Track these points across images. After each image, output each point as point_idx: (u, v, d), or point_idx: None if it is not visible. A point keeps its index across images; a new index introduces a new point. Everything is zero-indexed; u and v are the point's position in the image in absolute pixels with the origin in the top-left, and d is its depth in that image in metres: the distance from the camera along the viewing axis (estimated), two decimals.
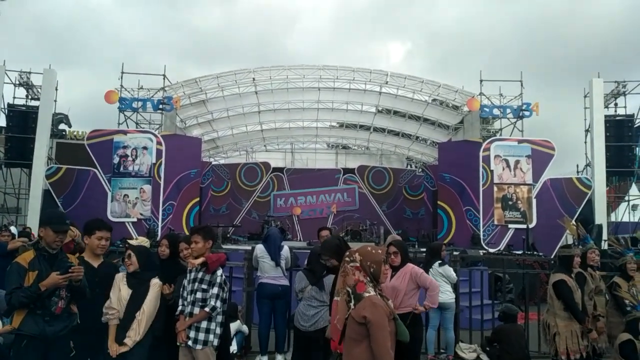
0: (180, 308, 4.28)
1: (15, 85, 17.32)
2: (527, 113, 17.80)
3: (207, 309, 4.14)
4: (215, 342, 4.20)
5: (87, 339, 3.94)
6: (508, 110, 18.02)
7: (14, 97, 17.45)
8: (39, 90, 17.12)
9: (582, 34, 64.09)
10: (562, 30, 65.54)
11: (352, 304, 3.06)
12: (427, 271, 5.39)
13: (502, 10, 71.24)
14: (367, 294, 3.02)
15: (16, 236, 7.26)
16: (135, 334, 3.95)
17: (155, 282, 4.16)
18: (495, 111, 18.17)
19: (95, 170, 16.10)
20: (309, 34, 76.43)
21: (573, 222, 5.69)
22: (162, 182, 16.25)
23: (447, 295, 6.69)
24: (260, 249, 6.74)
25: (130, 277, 4.13)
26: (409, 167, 26.13)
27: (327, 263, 4.80)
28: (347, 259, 3.21)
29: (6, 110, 17.09)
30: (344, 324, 3.09)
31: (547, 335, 4.98)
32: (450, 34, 71.77)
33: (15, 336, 3.58)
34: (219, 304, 4.19)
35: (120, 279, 4.12)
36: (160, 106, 17.61)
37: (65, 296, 3.74)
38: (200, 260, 4.27)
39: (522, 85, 17.99)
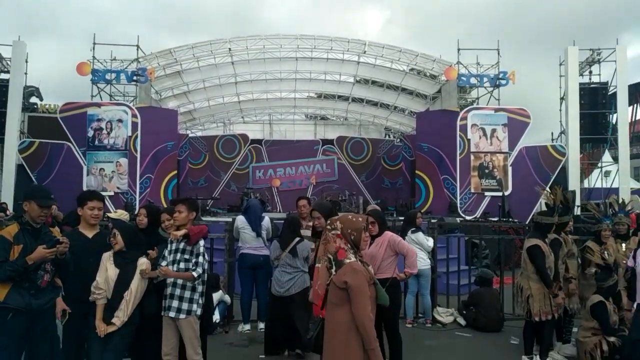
0: (160, 278, 4.29)
1: None
2: (503, 82, 17.91)
3: (193, 273, 4.18)
4: (199, 312, 4.25)
5: (80, 308, 3.94)
6: (485, 79, 18.10)
7: None
8: (9, 62, 16.61)
9: (558, 1, 64.25)
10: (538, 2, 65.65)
11: (333, 270, 3.13)
12: (403, 239, 5.50)
13: None
14: (347, 260, 3.09)
15: None
16: (123, 314, 3.94)
17: (143, 262, 4.13)
18: (473, 80, 18.23)
19: (70, 144, 15.81)
20: (285, 3, 75.12)
21: (548, 189, 5.79)
22: (138, 155, 16.04)
23: (421, 262, 6.82)
24: (241, 220, 6.78)
25: (117, 256, 4.09)
26: (387, 138, 26.21)
27: (315, 222, 4.94)
28: (328, 227, 3.27)
29: None
30: (325, 290, 3.16)
31: (520, 298, 5.14)
32: (429, 1, 71.28)
33: (1, 309, 3.56)
34: (200, 270, 4.23)
35: (107, 259, 4.09)
36: (135, 78, 17.23)
37: (50, 270, 3.75)
38: (183, 232, 4.28)
39: (498, 53, 18.06)
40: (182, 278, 4.21)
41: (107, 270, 4.03)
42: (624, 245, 5.58)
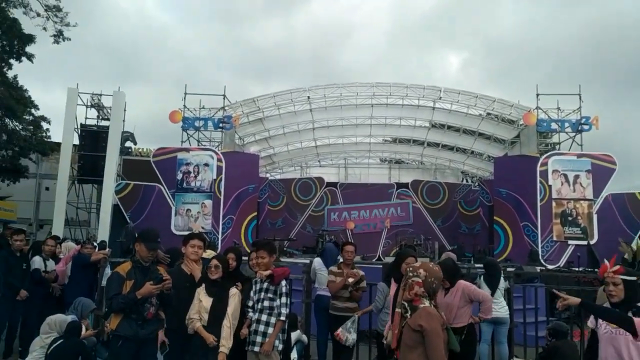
0: (249, 315, 4.68)
1: (87, 106, 18.59)
2: (586, 127, 17.43)
3: (282, 319, 4.57)
4: (280, 347, 4.57)
5: (179, 339, 4.41)
6: (566, 124, 17.71)
7: (86, 118, 18.73)
8: (109, 111, 18.27)
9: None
10: (624, 40, 62.99)
11: (408, 315, 3.35)
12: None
13: (563, 18, 69.25)
14: (422, 305, 3.30)
15: (97, 249, 7.94)
16: (226, 341, 4.35)
17: (235, 292, 4.58)
18: (553, 125, 17.90)
19: (160, 186, 16.95)
20: (363, 48, 77.02)
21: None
22: (222, 197, 16.93)
23: (499, 309, 6.79)
24: (318, 262, 7.09)
25: (210, 286, 4.55)
26: (464, 182, 25.87)
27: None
28: (410, 273, 3.49)
29: (79, 130, 18.32)
30: (400, 332, 3.39)
31: None
32: (509, 44, 70.41)
33: (112, 337, 4.10)
34: (287, 311, 4.58)
35: (200, 291, 4.56)
36: (221, 125, 18.43)
37: (156, 303, 4.27)
38: (268, 272, 4.67)
39: (580, 98, 17.67)
40: (278, 332, 4.58)
41: (201, 301, 4.48)
42: None
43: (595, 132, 17.71)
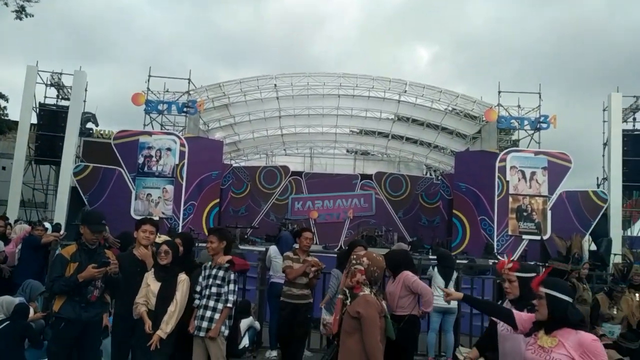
0: (196, 302, 4.71)
1: (46, 85, 18.05)
2: (544, 125, 17.94)
3: (228, 305, 4.61)
4: (226, 332, 4.62)
5: (128, 322, 4.46)
6: (525, 122, 18.18)
7: (45, 97, 18.18)
8: (69, 90, 17.81)
9: (605, 46, 63.34)
10: (587, 42, 64.89)
11: (348, 302, 3.47)
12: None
13: (531, 19, 70.69)
14: (362, 293, 3.42)
15: (49, 231, 7.81)
16: (166, 325, 4.37)
17: (184, 278, 4.60)
18: (513, 122, 18.34)
19: (121, 169, 16.68)
20: (335, 39, 77.01)
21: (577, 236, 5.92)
22: (184, 183, 16.79)
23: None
24: (273, 249, 7.18)
25: (159, 271, 4.56)
26: (427, 175, 26.33)
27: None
28: (353, 261, 3.60)
29: (37, 109, 17.81)
30: (341, 318, 3.51)
31: None
32: (478, 40, 71.48)
33: (55, 319, 4.09)
34: (234, 298, 4.65)
35: (149, 275, 4.57)
36: (185, 109, 18.20)
37: (100, 286, 4.26)
38: (228, 258, 4.71)
39: (540, 97, 18.15)
40: (224, 318, 4.61)
41: (149, 285, 4.49)
42: (637, 295, 5.62)
43: (553, 131, 18.25)
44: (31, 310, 5.65)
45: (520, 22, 71.97)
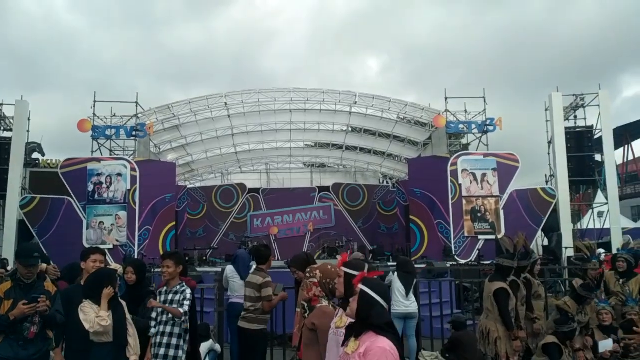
0: (152, 330, 4.60)
1: None
2: (491, 128, 18.48)
3: (181, 310, 4.52)
4: (184, 358, 4.53)
5: (82, 357, 4.24)
6: (473, 126, 18.69)
7: None
8: (11, 121, 17.20)
9: (545, 48, 66.20)
10: (527, 45, 67.62)
11: (306, 315, 3.46)
12: None
13: (474, 25, 73.16)
14: (319, 305, 3.41)
15: None
16: (134, 349, 4.28)
17: (124, 303, 4.50)
18: (461, 127, 18.84)
19: (70, 199, 16.18)
20: (284, 54, 77.37)
21: (521, 234, 6.12)
22: (137, 208, 16.39)
23: (413, 305, 7.11)
24: (230, 269, 7.08)
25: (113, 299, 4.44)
26: (383, 183, 26.65)
27: (295, 275, 5.24)
28: (307, 274, 3.60)
29: None
30: (301, 332, 3.49)
31: (486, 340, 5.32)
32: (424, 48, 73.34)
33: None
34: (187, 309, 4.56)
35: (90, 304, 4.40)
36: (134, 133, 17.85)
37: (39, 322, 4.06)
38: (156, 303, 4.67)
39: (485, 101, 18.71)
40: (171, 312, 4.52)
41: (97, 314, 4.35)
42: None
43: (500, 133, 18.79)
44: None
45: (464, 29, 74.44)
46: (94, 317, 4.24)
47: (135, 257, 15.48)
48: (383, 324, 2.45)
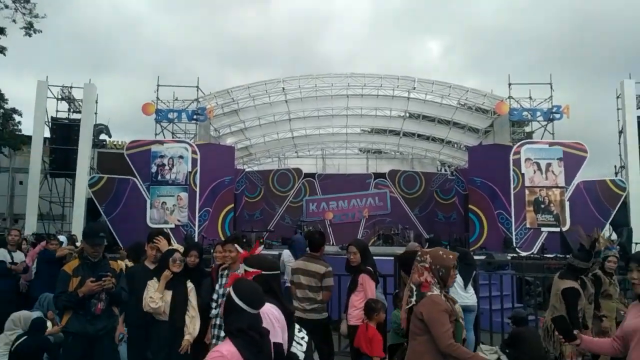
0: (213, 311, 4.67)
1: (57, 99, 18.28)
2: (557, 116, 17.70)
3: None
4: None
5: (141, 333, 4.49)
6: (538, 113, 17.95)
7: (57, 111, 18.42)
8: (80, 103, 18.00)
9: (617, 32, 62.31)
10: (598, 29, 63.89)
11: (413, 300, 3.29)
12: None
13: (545, 3, 69.61)
14: (429, 293, 3.20)
15: (64, 244, 7.86)
16: (194, 330, 4.42)
17: (192, 286, 4.62)
18: (525, 114, 18.12)
19: (135, 179, 16.80)
20: (344, 37, 76.61)
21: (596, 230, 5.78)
22: (197, 190, 16.85)
23: (472, 297, 6.91)
24: (287, 254, 7.14)
25: (173, 278, 4.56)
26: (441, 171, 26.11)
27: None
28: (418, 258, 3.39)
29: (50, 124, 18.02)
30: (408, 317, 3.33)
31: (552, 338, 5.07)
32: (489, 31, 70.54)
33: (63, 333, 4.09)
34: None
35: (154, 283, 4.55)
36: (195, 117, 18.29)
37: (105, 299, 4.23)
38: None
39: (551, 87, 17.93)
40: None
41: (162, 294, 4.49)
42: None
43: (567, 121, 17.98)
44: (49, 324, 5.68)
45: (532, 9, 70.96)
46: (148, 296, 4.40)
47: (196, 237, 15.97)
48: (234, 329, 2.38)
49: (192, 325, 4.42)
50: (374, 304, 4.80)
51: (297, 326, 2.96)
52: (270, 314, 2.74)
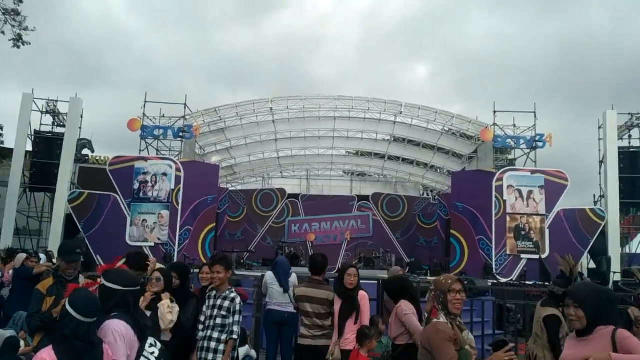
0: (199, 333, 4.61)
1: (42, 112, 18.05)
2: (540, 144, 17.97)
3: (234, 337, 4.54)
4: None
5: None
6: (521, 141, 18.22)
7: (41, 124, 18.16)
8: (65, 117, 17.82)
9: (601, 64, 64.01)
10: (583, 60, 65.55)
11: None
12: None
13: (533, 32, 71.19)
14: (435, 320, 3.21)
15: (43, 261, 7.69)
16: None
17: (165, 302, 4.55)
18: (509, 142, 18.38)
19: (116, 196, 16.58)
20: (332, 59, 77.50)
21: (568, 256, 5.84)
22: (179, 208, 16.68)
23: None
24: (269, 275, 7.04)
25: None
26: (424, 195, 26.28)
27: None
28: (431, 287, 3.42)
29: (33, 137, 17.78)
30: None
31: None
32: (477, 57, 71.95)
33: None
34: (238, 329, 4.59)
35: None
36: (181, 134, 18.20)
37: None
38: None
39: (535, 116, 18.23)
40: (230, 352, 4.54)
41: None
42: None
43: (549, 149, 18.25)
44: (22, 343, 5.52)
45: (519, 38, 72.60)
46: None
47: (175, 256, 15.77)
48: (59, 335, 2.60)
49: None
50: (367, 330, 4.71)
51: (150, 340, 2.98)
52: (116, 329, 2.77)
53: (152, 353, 2.96)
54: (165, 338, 4.38)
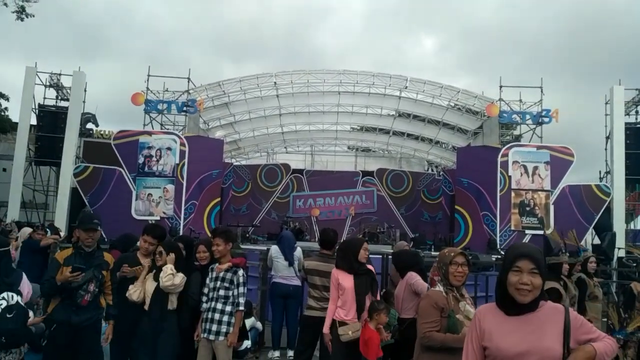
0: (203, 305, 4.65)
1: (45, 86, 17.97)
2: (546, 119, 17.80)
3: (240, 309, 4.58)
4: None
5: (127, 326, 4.46)
6: (527, 117, 18.03)
7: (45, 98, 18.10)
8: (69, 91, 17.74)
9: (609, 38, 62.95)
10: (591, 34, 64.50)
11: None
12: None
13: (545, 5, 69.86)
14: (433, 289, 3.41)
15: (49, 234, 7.76)
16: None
17: (180, 275, 4.58)
18: (514, 117, 18.20)
19: (121, 170, 16.60)
20: (339, 30, 76.59)
21: (572, 231, 5.85)
22: (184, 182, 16.71)
23: None
24: (274, 249, 7.10)
25: (157, 273, 4.54)
26: (429, 171, 26.23)
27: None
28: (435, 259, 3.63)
29: (37, 111, 17.74)
30: None
31: None
32: (485, 30, 70.88)
33: (47, 321, 4.05)
34: (244, 300, 4.63)
35: (149, 277, 4.54)
36: (185, 108, 18.11)
37: (93, 291, 4.18)
38: (226, 266, 4.65)
39: (542, 91, 18.02)
40: (239, 324, 4.62)
41: (146, 284, 4.46)
42: None
43: (555, 125, 18.07)
44: (30, 314, 5.59)
45: (528, 11, 71.25)
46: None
47: (181, 230, 15.86)
48: None
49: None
50: (377, 304, 4.70)
51: (3, 294, 3.64)
52: None
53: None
54: (171, 307, 4.43)
